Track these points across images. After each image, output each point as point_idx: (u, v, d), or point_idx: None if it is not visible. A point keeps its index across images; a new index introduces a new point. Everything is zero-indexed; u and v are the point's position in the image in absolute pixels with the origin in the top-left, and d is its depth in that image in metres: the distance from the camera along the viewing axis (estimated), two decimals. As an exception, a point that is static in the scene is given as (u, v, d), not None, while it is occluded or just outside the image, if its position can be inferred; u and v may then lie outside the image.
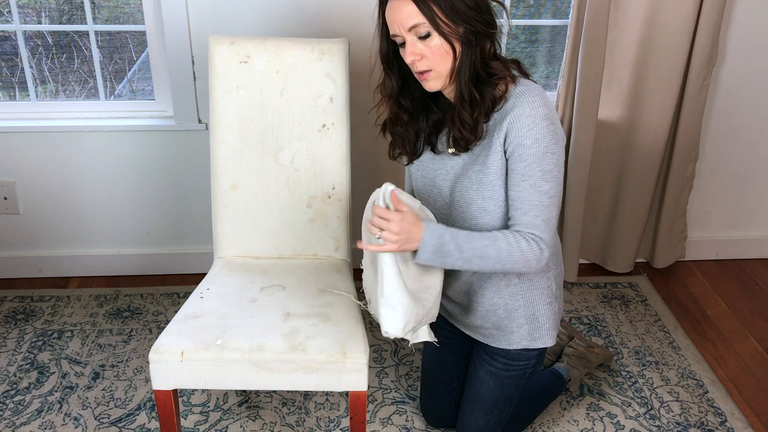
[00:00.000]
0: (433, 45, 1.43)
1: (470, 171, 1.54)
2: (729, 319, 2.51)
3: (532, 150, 1.44)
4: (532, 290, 1.63)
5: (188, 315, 1.70)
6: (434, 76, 1.48)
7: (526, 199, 1.47)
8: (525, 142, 1.44)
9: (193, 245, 2.65)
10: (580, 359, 2.14)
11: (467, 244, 1.45)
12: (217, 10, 2.28)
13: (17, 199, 2.53)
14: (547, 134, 1.44)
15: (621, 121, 2.46)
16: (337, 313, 1.72)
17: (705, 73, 2.42)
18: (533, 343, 1.66)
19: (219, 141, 1.92)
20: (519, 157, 1.46)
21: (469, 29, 1.42)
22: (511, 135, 1.45)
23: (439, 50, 1.43)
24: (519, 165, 1.46)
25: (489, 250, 1.46)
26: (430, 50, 1.44)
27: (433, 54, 1.44)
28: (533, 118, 1.44)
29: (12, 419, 2.01)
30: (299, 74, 1.90)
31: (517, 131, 1.44)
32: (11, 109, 2.47)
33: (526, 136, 1.44)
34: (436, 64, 1.45)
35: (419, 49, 1.44)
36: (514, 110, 1.45)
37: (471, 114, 1.48)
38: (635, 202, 2.59)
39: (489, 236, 1.47)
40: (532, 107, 1.44)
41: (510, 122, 1.45)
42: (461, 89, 1.47)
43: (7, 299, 2.53)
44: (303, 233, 1.97)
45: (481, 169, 1.51)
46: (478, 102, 1.47)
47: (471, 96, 1.47)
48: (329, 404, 2.09)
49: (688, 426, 2.04)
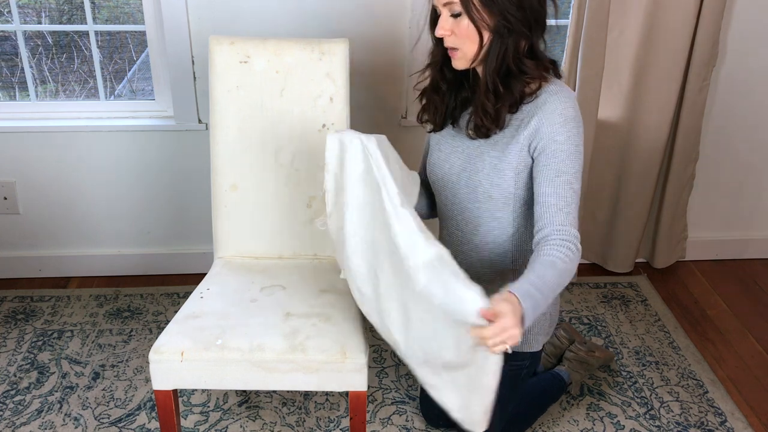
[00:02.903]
0: (462, 25, 1.44)
1: (485, 155, 1.54)
2: (729, 319, 2.51)
3: (564, 146, 1.45)
4: None
5: (188, 315, 1.70)
6: (460, 56, 1.48)
7: (562, 196, 1.45)
8: (558, 138, 1.45)
9: (193, 245, 2.65)
10: (581, 363, 2.14)
11: (544, 284, 1.36)
12: (217, 10, 2.27)
13: (17, 199, 2.53)
14: (577, 135, 1.46)
15: (621, 121, 2.46)
16: (337, 313, 1.72)
17: (705, 73, 2.42)
18: (522, 346, 1.66)
19: (219, 141, 1.92)
20: (552, 153, 1.45)
21: (503, 23, 1.41)
22: (543, 131, 1.45)
23: (467, 32, 1.44)
24: (553, 161, 1.45)
25: (555, 280, 1.39)
26: (459, 30, 1.44)
27: (461, 34, 1.44)
28: (565, 116, 1.45)
29: (12, 419, 2.01)
30: (299, 74, 1.90)
31: (550, 127, 1.45)
32: (11, 109, 2.47)
33: (559, 132, 1.45)
34: (462, 44, 1.46)
35: (450, 24, 1.45)
36: (546, 106, 1.46)
37: (493, 105, 1.47)
38: (635, 202, 2.59)
39: (549, 265, 1.39)
40: (565, 106, 1.45)
41: (541, 118, 1.46)
42: (485, 79, 1.47)
43: (7, 299, 2.53)
44: (303, 233, 1.97)
45: (498, 156, 1.51)
46: (502, 94, 1.47)
47: (495, 88, 1.46)
48: (329, 404, 2.09)
49: (688, 426, 2.04)
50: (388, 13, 2.32)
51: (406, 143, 2.48)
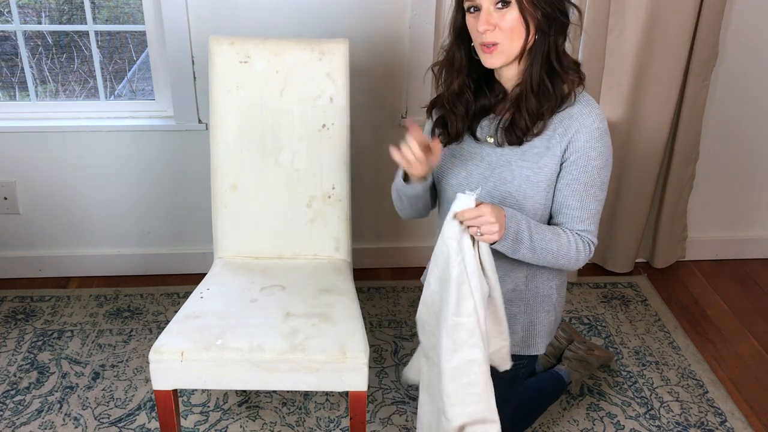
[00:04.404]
0: (509, 18, 1.38)
1: (513, 165, 1.49)
2: (729, 319, 2.51)
3: (596, 162, 1.45)
4: (535, 297, 1.60)
5: (188, 315, 1.70)
6: (499, 52, 1.42)
7: (586, 209, 1.47)
8: (591, 154, 1.44)
9: (193, 245, 2.65)
10: (580, 362, 2.14)
11: (537, 233, 1.42)
12: (217, 10, 2.28)
13: (17, 199, 2.53)
14: (608, 148, 1.47)
15: (621, 121, 2.46)
16: (337, 313, 1.72)
17: (705, 73, 2.42)
18: (526, 350, 1.64)
19: (219, 141, 1.92)
20: (583, 168, 1.45)
21: (546, 18, 1.39)
22: (577, 144, 1.44)
23: (513, 25, 1.38)
24: (582, 175, 1.45)
25: (553, 243, 1.44)
26: (505, 23, 1.38)
27: (507, 28, 1.39)
28: (600, 131, 1.44)
29: (12, 419, 2.01)
30: (299, 74, 1.90)
31: (585, 142, 1.44)
32: (11, 109, 2.47)
33: (592, 148, 1.44)
34: (506, 38, 1.40)
35: (494, 18, 1.39)
36: (580, 118, 1.44)
37: (539, 106, 1.44)
38: (635, 202, 2.59)
39: (553, 229, 1.45)
40: (600, 120, 1.45)
41: (577, 130, 1.44)
42: (532, 77, 1.43)
43: (7, 299, 2.53)
44: (303, 233, 1.97)
45: (531, 167, 1.47)
46: (550, 94, 1.43)
47: (542, 86, 1.43)
48: (329, 404, 2.09)
49: (688, 426, 2.04)
50: (388, 13, 2.32)
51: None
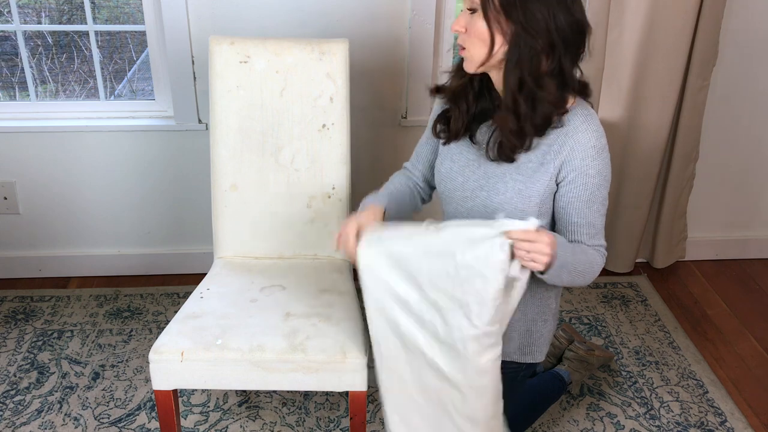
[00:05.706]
0: (476, 24, 1.36)
1: (507, 177, 1.47)
2: (729, 319, 2.51)
3: (595, 180, 1.44)
4: (533, 305, 1.58)
5: (188, 315, 1.70)
6: (467, 56, 1.41)
7: (592, 225, 1.47)
8: (589, 172, 1.43)
9: (193, 245, 2.65)
10: (581, 363, 2.14)
11: (574, 256, 1.40)
12: (217, 10, 2.28)
13: (17, 199, 2.53)
14: (606, 165, 1.45)
15: (621, 121, 2.46)
16: (337, 313, 1.72)
17: (705, 73, 2.42)
18: (522, 357, 1.63)
19: (219, 141, 1.92)
20: (583, 186, 1.44)
21: (521, 32, 1.33)
22: (575, 163, 1.42)
23: (477, 32, 1.36)
24: (584, 193, 1.44)
25: (586, 265, 1.43)
26: (472, 28, 1.37)
27: (472, 33, 1.38)
28: (597, 149, 1.42)
29: (12, 419, 2.01)
30: (299, 74, 1.90)
31: (582, 161, 1.42)
32: (11, 109, 2.47)
33: (590, 166, 1.42)
34: (471, 44, 1.39)
35: (465, 21, 1.39)
36: (576, 136, 1.41)
37: (517, 122, 1.40)
38: (635, 202, 2.59)
39: (583, 250, 1.45)
40: (596, 137, 1.42)
41: (572, 148, 1.41)
42: (505, 98, 1.40)
43: (7, 299, 2.53)
44: (303, 233, 1.97)
45: (523, 182, 1.45)
46: (523, 114, 1.39)
47: (515, 105, 1.39)
48: (329, 404, 2.09)
49: (688, 426, 2.04)
50: (388, 13, 2.32)
51: (406, 143, 2.48)
